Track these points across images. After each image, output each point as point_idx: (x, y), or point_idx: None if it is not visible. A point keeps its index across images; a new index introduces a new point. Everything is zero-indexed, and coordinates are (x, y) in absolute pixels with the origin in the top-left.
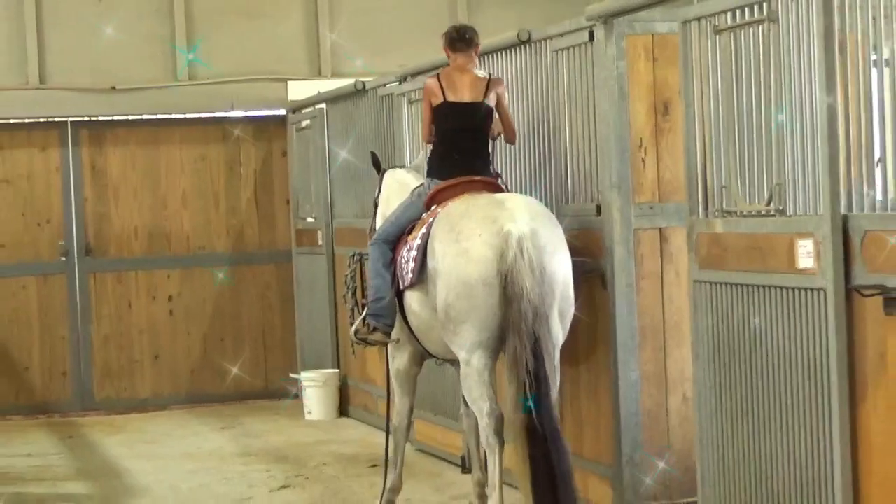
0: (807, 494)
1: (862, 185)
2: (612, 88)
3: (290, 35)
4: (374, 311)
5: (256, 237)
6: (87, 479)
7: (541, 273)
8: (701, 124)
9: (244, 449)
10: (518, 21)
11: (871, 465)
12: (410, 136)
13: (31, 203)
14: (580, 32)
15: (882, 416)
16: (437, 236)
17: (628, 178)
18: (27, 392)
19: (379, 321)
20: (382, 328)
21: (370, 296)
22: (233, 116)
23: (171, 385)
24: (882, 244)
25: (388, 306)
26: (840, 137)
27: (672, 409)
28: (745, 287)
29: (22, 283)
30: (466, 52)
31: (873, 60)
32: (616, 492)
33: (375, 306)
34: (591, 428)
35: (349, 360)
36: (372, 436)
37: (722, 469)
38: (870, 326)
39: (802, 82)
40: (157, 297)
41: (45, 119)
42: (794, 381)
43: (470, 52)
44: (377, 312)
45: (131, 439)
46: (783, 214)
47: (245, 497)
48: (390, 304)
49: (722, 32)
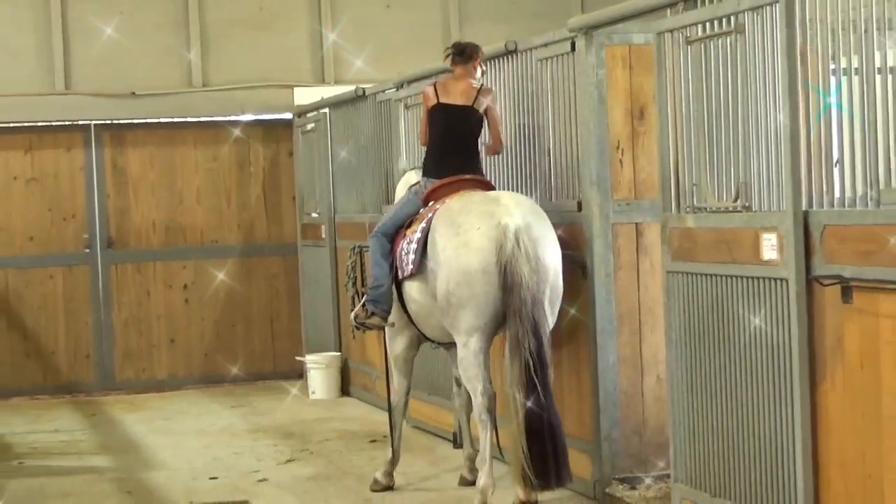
0: (771, 466)
1: (821, 183)
2: (592, 94)
3: (296, 45)
4: (373, 298)
5: (265, 231)
6: (109, 453)
7: (536, 262)
8: (673, 128)
9: (253, 426)
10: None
11: (829, 438)
12: (406, 137)
13: (58, 199)
14: (563, 43)
15: (839, 395)
16: (438, 230)
17: (607, 177)
18: (54, 373)
19: (377, 307)
20: (380, 313)
21: (370, 283)
22: (243, 120)
23: (186, 367)
24: (840, 238)
25: (385, 293)
26: (801, 140)
27: (647, 389)
28: (714, 277)
29: (49, 273)
30: (465, 65)
31: (832, 70)
32: (595, 465)
33: (374, 293)
34: (573, 407)
35: (350, 344)
36: (371, 414)
37: (693, 444)
38: (828, 313)
39: (767, 89)
40: (173, 285)
41: (70, 122)
42: (759, 364)
43: (469, 65)
44: (375, 298)
45: (150, 417)
46: (749, 210)
47: (254, 470)
48: (388, 291)
49: (693, 43)
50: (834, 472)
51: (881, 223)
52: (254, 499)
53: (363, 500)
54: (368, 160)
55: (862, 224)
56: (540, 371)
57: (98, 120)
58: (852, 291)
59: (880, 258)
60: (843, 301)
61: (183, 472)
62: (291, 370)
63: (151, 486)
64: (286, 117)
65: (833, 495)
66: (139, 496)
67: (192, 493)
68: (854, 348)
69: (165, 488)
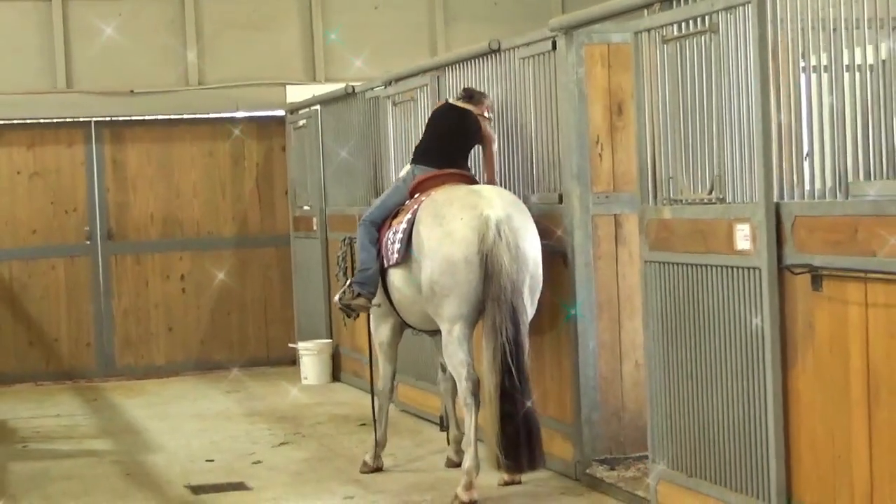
0: (744, 447)
1: (792, 176)
2: (573, 91)
3: (289, 45)
4: (360, 280)
5: (258, 223)
6: (109, 436)
7: (516, 251)
8: (651, 123)
9: (248, 410)
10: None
11: (800, 420)
12: (394, 133)
13: (60, 193)
14: (544, 42)
15: (810, 379)
16: (423, 221)
17: (587, 171)
18: (56, 360)
19: (363, 288)
20: (366, 294)
21: (358, 267)
22: (237, 117)
23: (184, 354)
24: (810, 228)
25: (372, 276)
26: (773, 134)
27: (625, 374)
28: (690, 266)
29: (51, 263)
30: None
31: (802, 67)
32: (576, 448)
33: (361, 276)
34: (554, 391)
35: (341, 332)
36: (361, 398)
37: (670, 427)
38: (799, 301)
39: (740, 86)
40: (170, 276)
41: (71, 119)
42: (734, 349)
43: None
44: (362, 281)
45: (148, 402)
46: (723, 202)
47: (249, 452)
48: (374, 275)
49: (669, 42)
50: (805, 452)
51: (849, 214)
52: (249, 480)
53: (353, 481)
54: (358, 155)
55: (831, 215)
56: (516, 356)
57: (98, 117)
58: (822, 279)
59: (849, 248)
60: (814, 289)
61: (180, 455)
62: (284, 357)
63: (150, 469)
64: (279, 114)
65: (804, 475)
66: (138, 478)
67: (189, 474)
68: (824, 334)
69: (163, 470)
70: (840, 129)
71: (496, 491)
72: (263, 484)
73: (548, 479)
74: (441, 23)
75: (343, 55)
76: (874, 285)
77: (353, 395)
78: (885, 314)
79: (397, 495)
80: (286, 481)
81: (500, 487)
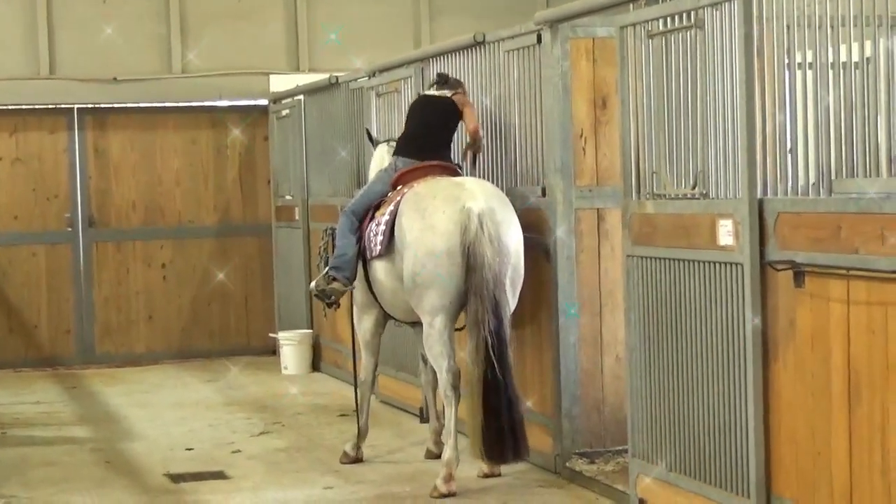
0: (725, 442)
1: (776, 172)
2: (557, 85)
3: (273, 34)
4: (337, 265)
5: (240, 212)
6: (89, 424)
7: (498, 244)
8: (635, 117)
9: (228, 399)
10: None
11: (780, 415)
12: (378, 124)
13: (41, 180)
14: (529, 35)
15: (791, 374)
16: (405, 213)
17: (570, 165)
18: (36, 347)
19: (339, 273)
20: (342, 279)
21: (336, 253)
22: (220, 105)
23: (164, 342)
24: (793, 224)
25: (349, 261)
26: (757, 130)
27: (606, 368)
28: (672, 261)
29: (32, 250)
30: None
31: (787, 63)
32: (556, 441)
33: (338, 261)
34: (535, 384)
35: (321, 322)
36: (341, 389)
37: (650, 421)
38: (781, 297)
39: (725, 82)
40: (151, 264)
41: (53, 106)
42: (715, 344)
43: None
44: (339, 266)
45: (128, 389)
46: (706, 197)
47: (229, 441)
48: (352, 260)
49: (654, 37)
50: (785, 448)
51: (832, 211)
52: (228, 469)
53: (333, 472)
54: (341, 145)
55: (814, 212)
56: (498, 349)
57: (81, 104)
58: (804, 276)
59: (831, 244)
60: (796, 285)
61: (160, 443)
62: (265, 346)
63: (129, 457)
64: (262, 103)
65: (784, 471)
66: (117, 466)
67: (169, 462)
68: (805, 330)
69: (143, 458)
70: (824, 126)
71: (475, 483)
72: (243, 473)
73: (527, 472)
74: (426, 15)
75: (327, 46)
76: (856, 282)
77: (332, 385)
78: (867, 311)
79: (377, 486)
80: (265, 471)
81: (479, 479)
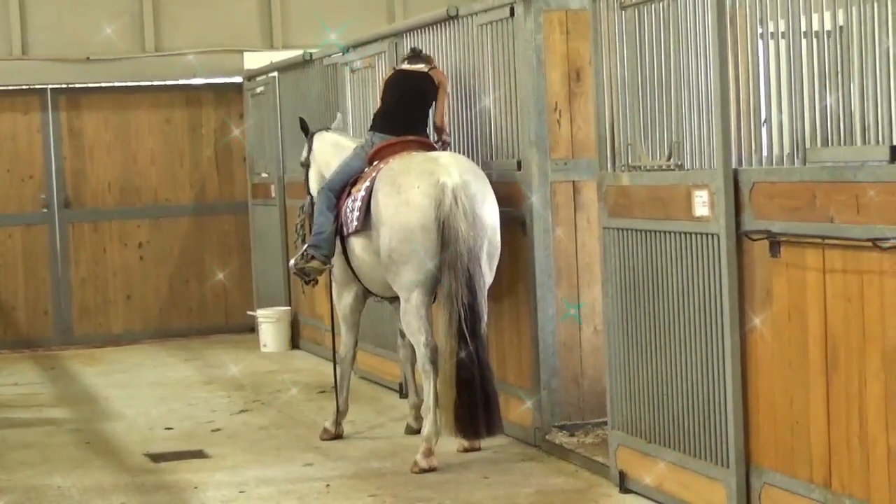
0: (703, 413)
1: (750, 142)
2: (531, 58)
3: (246, 11)
4: (315, 243)
5: (217, 190)
6: (68, 405)
7: (473, 218)
8: (609, 90)
9: (207, 378)
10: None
11: (758, 386)
12: (352, 100)
13: (16, 161)
14: (502, 9)
15: (768, 345)
16: (381, 189)
17: (545, 137)
18: (14, 329)
19: (317, 251)
20: (320, 257)
21: (314, 231)
22: (195, 84)
23: (142, 322)
24: (768, 194)
25: (327, 238)
26: (731, 101)
27: (584, 340)
28: (649, 233)
29: (8, 232)
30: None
31: (760, 34)
32: (535, 414)
33: (316, 239)
34: (514, 357)
35: (300, 299)
36: (320, 366)
37: (629, 393)
38: (757, 267)
39: (698, 53)
40: (128, 243)
41: (26, 86)
42: (692, 315)
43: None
44: (317, 244)
45: (107, 370)
46: (681, 169)
47: (208, 420)
48: (330, 237)
49: (627, 8)
50: (763, 418)
51: (807, 180)
52: (208, 448)
53: (313, 448)
54: (316, 122)
55: (789, 181)
56: (471, 322)
57: (54, 84)
58: (780, 246)
59: (806, 214)
60: (772, 255)
61: (139, 423)
62: (243, 324)
63: (109, 437)
64: (237, 81)
65: (762, 440)
66: (97, 446)
67: (149, 442)
68: (782, 300)
69: (123, 438)
70: (798, 95)
71: (456, 458)
72: (223, 451)
73: (507, 446)
74: None
75: (301, 22)
76: (832, 251)
77: (311, 362)
78: (843, 280)
79: (357, 462)
80: (245, 448)
81: (459, 454)
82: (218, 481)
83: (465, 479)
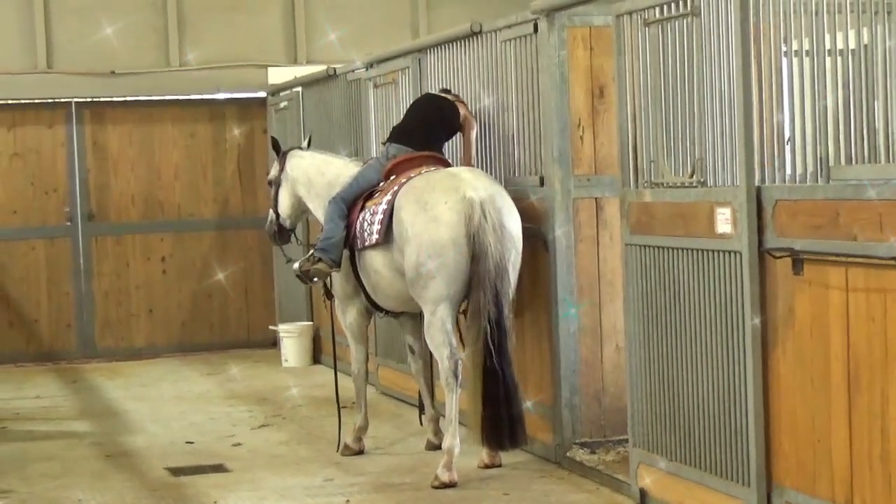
0: (725, 431)
1: (774, 160)
2: (554, 74)
3: (270, 26)
4: (323, 247)
5: (240, 205)
6: (89, 418)
7: (501, 231)
8: (632, 106)
9: (228, 392)
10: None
11: (780, 404)
12: (375, 115)
13: (40, 174)
14: (526, 25)
15: (790, 363)
16: (405, 207)
17: (568, 154)
18: (36, 342)
19: (325, 255)
20: (327, 260)
21: (322, 236)
22: (219, 98)
23: (164, 336)
24: (791, 212)
25: (336, 244)
26: (754, 118)
27: (606, 357)
28: (671, 250)
29: (32, 245)
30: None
31: (784, 51)
32: (556, 431)
33: (325, 244)
34: (535, 374)
35: (322, 314)
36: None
37: (650, 410)
38: (780, 284)
39: (722, 70)
40: (151, 257)
41: (52, 100)
42: (714, 333)
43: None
44: (325, 248)
45: (128, 383)
46: (704, 186)
47: (229, 434)
48: (339, 244)
49: (651, 25)
50: (785, 436)
51: (830, 198)
52: (228, 462)
53: (333, 463)
54: (339, 137)
55: (812, 199)
56: (498, 338)
57: (79, 98)
58: (803, 263)
59: (829, 232)
60: (794, 273)
61: (160, 437)
62: (265, 339)
63: (130, 450)
64: (260, 96)
65: (784, 459)
66: (118, 460)
67: (169, 456)
68: (804, 318)
69: (143, 452)
70: (822, 113)
71: (476, 474)
72: (243, 466)
73: (528, 463)
74: (423, 5)
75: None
76: (855, 269)
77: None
78: (866, 298)
79: (377, 477)
80: (266, 463)
81: (479, 470)
82: (238, 496)
83: (485, 496)
